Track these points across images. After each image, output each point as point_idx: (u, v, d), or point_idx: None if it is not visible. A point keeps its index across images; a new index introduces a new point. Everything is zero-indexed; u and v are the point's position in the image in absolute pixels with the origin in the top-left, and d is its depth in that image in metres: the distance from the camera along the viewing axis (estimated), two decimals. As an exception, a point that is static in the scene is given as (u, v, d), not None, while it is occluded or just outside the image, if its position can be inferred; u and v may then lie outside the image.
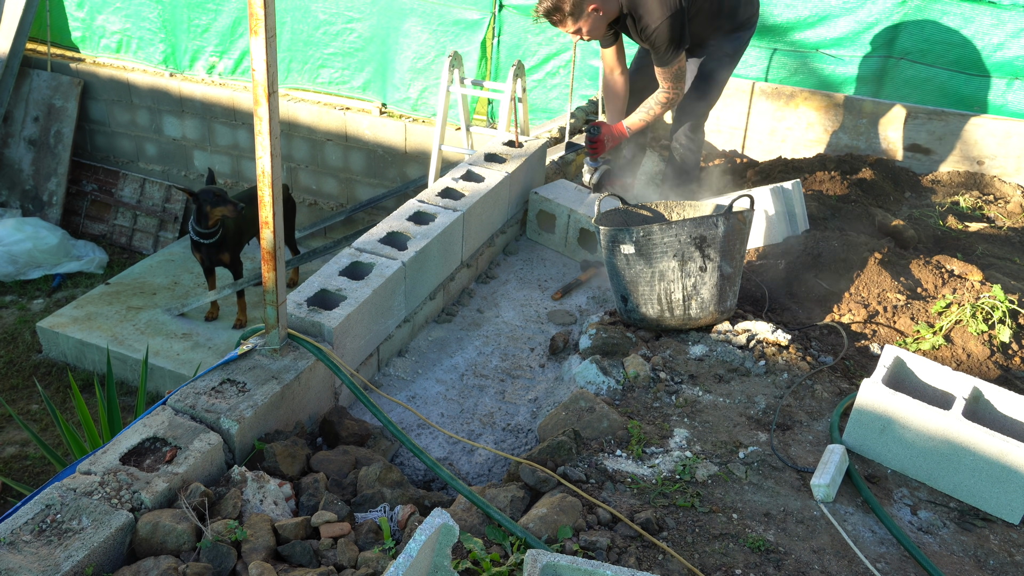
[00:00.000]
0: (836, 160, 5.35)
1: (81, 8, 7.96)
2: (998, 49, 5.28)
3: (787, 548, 2.18)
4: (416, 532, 1.69)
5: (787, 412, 2.77)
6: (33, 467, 4.97)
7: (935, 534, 2.32)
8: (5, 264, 7.10)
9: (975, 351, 3.08)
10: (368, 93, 7.24)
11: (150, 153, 8.25)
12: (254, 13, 2.19)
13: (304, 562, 2.08)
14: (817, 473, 2.40)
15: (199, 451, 2.29)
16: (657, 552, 2.13)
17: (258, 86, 2.26)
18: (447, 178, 3.99)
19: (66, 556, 1.91)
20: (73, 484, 2.12)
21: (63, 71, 8.10)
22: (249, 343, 2.72)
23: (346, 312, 2.89)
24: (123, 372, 5.74)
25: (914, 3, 5.38)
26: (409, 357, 3.40)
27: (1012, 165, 5.26)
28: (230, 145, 7.87)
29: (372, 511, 2.31)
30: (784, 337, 3.10)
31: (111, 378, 4.08)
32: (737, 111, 5.79)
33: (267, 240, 2.48)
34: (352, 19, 7.00)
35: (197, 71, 7.75)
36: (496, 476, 2.76)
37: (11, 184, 8.21)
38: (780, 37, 5.79)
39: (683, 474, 2.44)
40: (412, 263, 3.29)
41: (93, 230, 8.22)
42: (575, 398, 2.73)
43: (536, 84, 6.59)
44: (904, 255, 3.76)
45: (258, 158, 2.37)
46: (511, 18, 6.54)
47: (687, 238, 3.06)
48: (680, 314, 3.17)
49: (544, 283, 4.06)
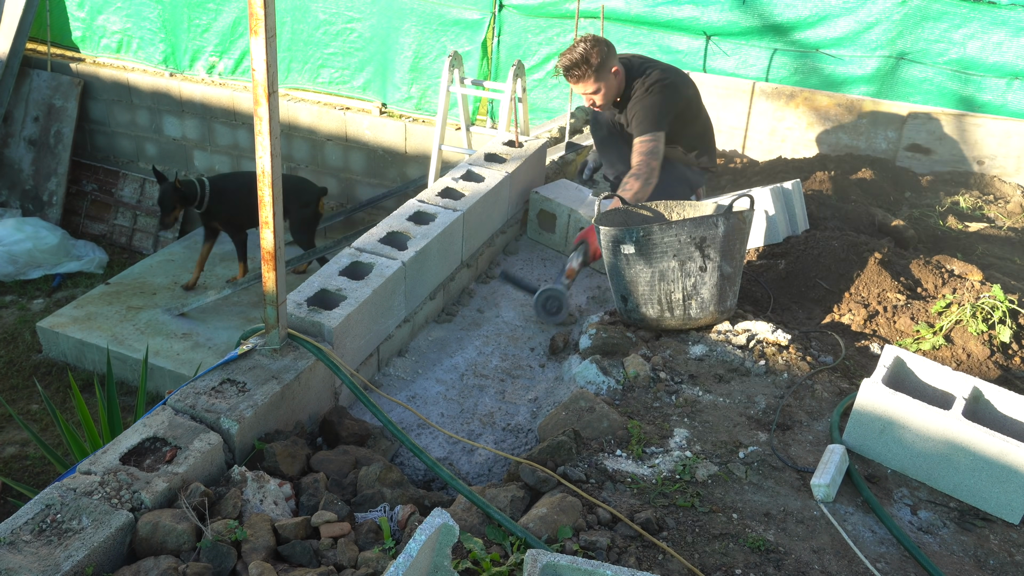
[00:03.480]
0: (836, 160, 5.35)
1: (81, 8, 7.96)
2: (998, 49, 5.28)
3: (787, 548, 2.18)
4: (416, 532, 1.69)
5: (787, 412, 2.77)
6: (33, 467, 4.97)
7: (935, 534, 2.32)
8: (5, 264, 7.10)
9: (975, 351, 3.08)
10: (368, 93, 7.24)
11: (150, 153, 8.25)
12: (254, 13, 2.19)
13: (304, 562, 2.08)
14: (817, 473, 2.40)
15: (199, 451, 2.29)
16: (657, 552, 2.13)
17: (258, 86, 2.27)
18: (447, 178, 3.99)
19: (66, 556, 1.91)
20: (73, 484, 2.12)
21: (63, 71, 8.10)
22: (249, 343, 2.72)
23: (346, 312, 2.89)
24: (123, 372, 5.74)
25: (914, 3, 5.38)
26: (409, 357, 3.40)
27: (1012, 165, 5.26)
28: (230, 145, 7.87)
29: (372, 511, 2.31)
30: (784, 337, 3.09)
31: (111, 378, 4.08)
32: (737, 111, 5.79)
33: (267, 240, 2.48)
34: (352, 19, 7.00)
35: (197, 71, 7.75)
36: (496, 476, 2.76)
37: (11, 184, 8.21)
38: (780, 37, 5.80)
39: (683, 474, 2.44)
40: (412, 263, 3.29)
41: (93, 230, 8.22)
42: (575, 398, 2.73)
43: (536, 84, 6.59)
44: (904, 255, 3.76)
45: (258, 158, 2.37)
46: (511, 18, 6.54)
47: (687, 238, 3.06)
48: (680, 314, 3.17)
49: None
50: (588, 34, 3.88)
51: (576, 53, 3.78)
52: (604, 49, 3.81)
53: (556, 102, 6.64)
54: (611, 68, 3.85)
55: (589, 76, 3.81)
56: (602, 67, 3.81)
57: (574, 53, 3.79)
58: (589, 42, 3.80)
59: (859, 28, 5.58)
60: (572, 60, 3.79)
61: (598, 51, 3.78)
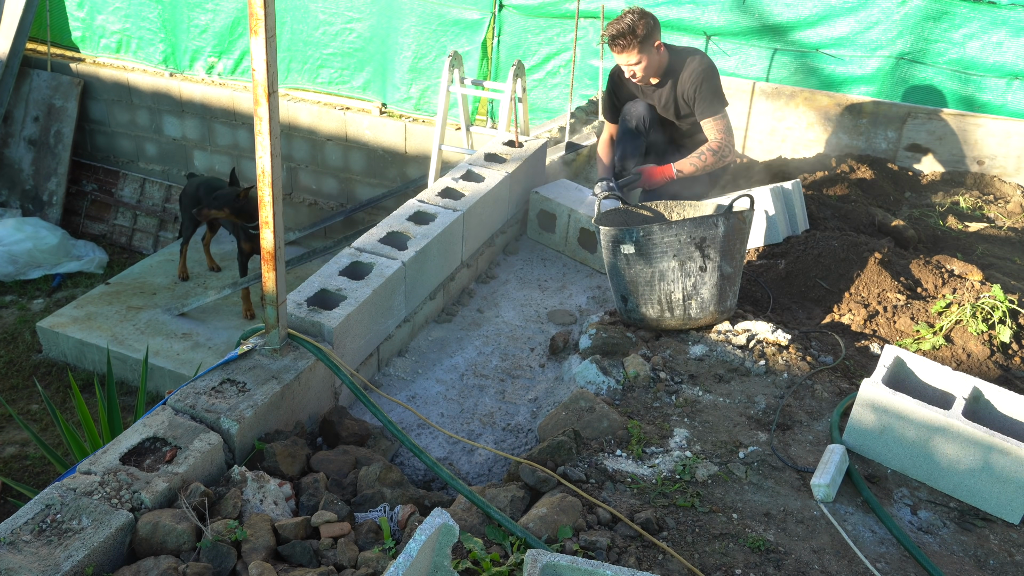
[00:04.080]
0: (836, 160, 5.35)
1: (81, 8, 7.96)
2: (998, 49, 5.28)
3: (787, 548, 2.18)
4: (416, 532, 1.69)
5: (787, 412, 2.77)
6: (33, 467, 4.97)
7: (935, 534, 2.32)
8: (5, 264, 7.10)
9: (975, 351, 3.08)
10: (368, 93, 7.24)
11: (150, 153, 8.25)
12: (254, 13, 2.19)
13: (304, 562, 2.08)
14: (817, 473, 2.40)
15: (199, 451, 2.29)
16: (657, 552, 2.13)
17: (258, 86, 2.26)
18: (447, 178, 3.99)
19: (66, 556, 1.91)
20: (73, 484, 2.12)
21: (63, 71, 8.10)
22: (249, 343, 2.72)
23: (346, 312, 2.89)
24: (123, 372, 5.74)
25: (914, 3, 5.38)
26: (409, 357, 3.40)
27: (1012, 165, 5.26)
28: (230, 145, 7.87)
29: (372, 511, 2.31)
30: (784, 337, 3.09)
31: (111, 378, 4.08)
32: (737, 111, 5.79)
33: (267, 240, 2.48)
34: (352, 19, 7.00)
35: (197, 71, 7.75)
36: (496, 476, 2.76)
37: (11, 184, 8.21)
38: (780, 37, 5.79)
39: (683, 474, 2.44)
40: (412, 263, 3.29)
41: (93, 230, 8.22)
42: (575, 398, 2.72)
43: (536, 84, 6.59)
44: (904, 255, 3.76)
45: (258, 158, 2.37)
46: (511, 18, 6.54)
47: (687, 238, 3.06)
48: (680, 314, 3.17)
49: (544, 283, 4.06)
50: (636, 6, 4.01)
51: (624, 23, 3.90)
52: (651, 22, 3.94)
53: (556, 102, 6.64)
54: (655, 42, 3.97)
55: (633, 47, 3.92)
56: (647, 39, 3.92)
57: (622, 23, 3.90)
58: (637, 14, 3.92)
59: (859, 28, 5.58)
60: (619, 29, 3.90)
61: (644, 23, 3.90)
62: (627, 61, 4.01)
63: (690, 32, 5.98)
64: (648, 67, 4.02)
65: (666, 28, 6.03)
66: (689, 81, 4.07)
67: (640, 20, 3.90)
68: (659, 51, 4.02)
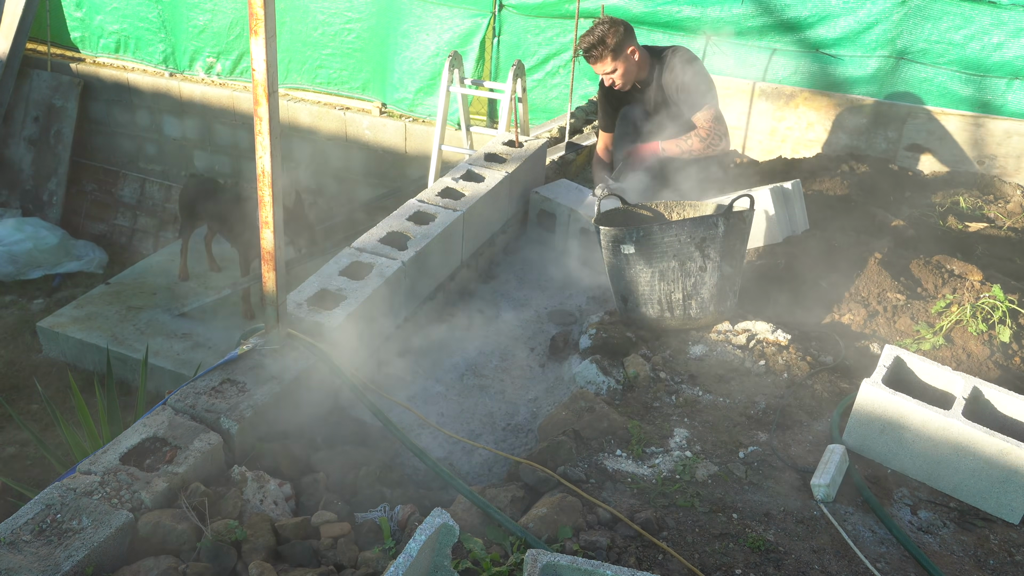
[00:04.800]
0: (836, 160, 5.35)
1: (80, 8, 7.95)
2: (998, 49, 5.28)
3: (787, 548, 2.18)
4: (416, 532, 1.69)
5: (787, 412, 2.77)
6: (33, 467, 4.97)
7: (935, 534, 2.32)
8: (5, 264, 7.10)
9: (975, 351, 3.08)
10: (368, 93, 7.24)
11: (150, 153, 8.24)
12: (254, 13, 2.19)
13: (304, 562, 2.08)
14: (817, 473, 2.40)
15: (199, 451, 2.29)
16: (657, 552, 2.13)
17: (258, 86, 2.26)
18: (447, 178, 3.99)
19: (66, 556, 1.91)
20: (73, 484, 2.12)
21: (63, 71, 8.10)
22: (249, 343, 2.72)
23: (346, 312, 2.89)
24: (123, 372, 5.74)
25: (914, 3, 5.38)
26: (409, 357, 3.40)
27: (1012, 165, 5.26)
28: (230, 145, 7.86)
29: (372, 511, 2.31)
30: (784, 337, 3.09)
31: (111, 378, 4.08)
32: (737, 111, 5.79)
33: (267, 240, 2.48)
34: (351, 19, 7.00)
35: (197, 71, 7.75)
36: (496, 476, 2.76)
37: (11, 184, 8.21)
38: (780, 37, 5.79)
39: (683, 474, 2.44)
40: (412, 263, 3.29)
41: (93, 230, 8.21)
42: (575, 398, 2.72)
43: (536, 84, 6.59)
44: (904, 255, 3.76)
45: (258, 158, 2.37)
46: (511, 18, 6.53)
47: (687, 238, 3.06)
48: (680, 314, 3.17)
49: (544, 283, 4.06)
50: (607, 16, 4.04)
51: (595, 35, 3.94)
52: (621, 31, 3.96)
53: (556, 102, 6.63)
54: (628, 49, 3.99)
55: (607, 56, 3.97)
56: (619, 48, 3.95)
57: (593, 35, 3.94)
58: (607, 23, 3.95)
59: (859, 28, 5.58)
60: (590, 42, 3.95)
61: (615, 32, 3.93)
62: (603, 70, 4.06)
63: (690, 32, 5.98)
64: (626, 74, 4.06)
65: (666, 28, 6.04)
66: (671, 77, 4.09)
67: (610, 29, 3.93)
68: (634, 56, 4.04)
